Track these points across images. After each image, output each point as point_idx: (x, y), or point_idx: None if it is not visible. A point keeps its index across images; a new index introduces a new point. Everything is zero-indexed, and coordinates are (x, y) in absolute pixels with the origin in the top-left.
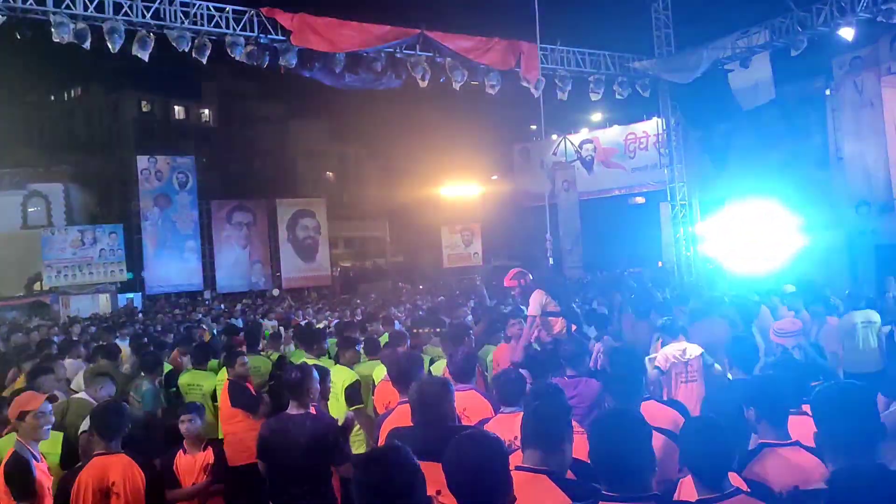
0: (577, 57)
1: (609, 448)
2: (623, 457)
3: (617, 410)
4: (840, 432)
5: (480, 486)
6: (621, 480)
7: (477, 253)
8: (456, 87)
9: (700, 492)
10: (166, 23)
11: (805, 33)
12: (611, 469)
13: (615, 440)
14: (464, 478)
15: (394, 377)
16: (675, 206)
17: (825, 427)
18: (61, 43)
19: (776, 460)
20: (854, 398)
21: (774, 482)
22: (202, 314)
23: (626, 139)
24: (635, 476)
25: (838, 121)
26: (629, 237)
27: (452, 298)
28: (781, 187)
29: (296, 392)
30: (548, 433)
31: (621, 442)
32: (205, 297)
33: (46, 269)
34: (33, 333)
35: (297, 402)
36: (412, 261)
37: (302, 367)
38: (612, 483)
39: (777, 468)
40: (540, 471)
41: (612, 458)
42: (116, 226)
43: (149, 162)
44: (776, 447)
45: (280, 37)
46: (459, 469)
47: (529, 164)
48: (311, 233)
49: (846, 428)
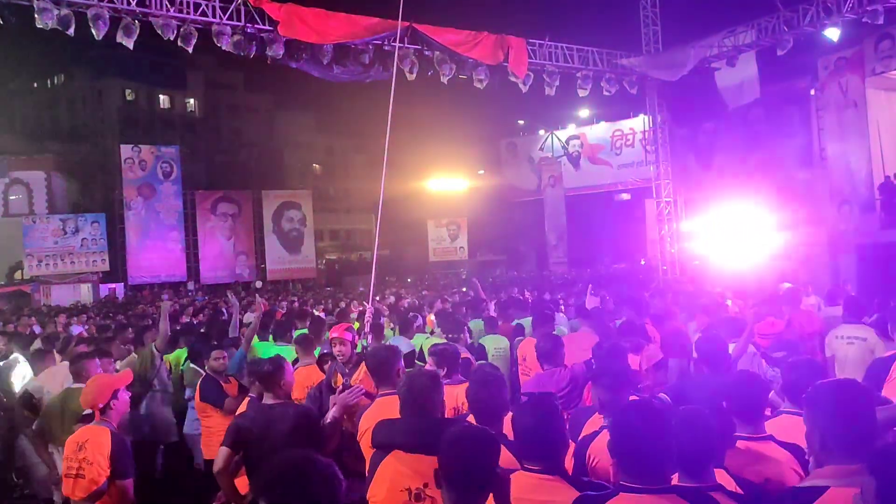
0: (566, 52)
1: (630, 439)
2: (644, 448)
3: (639, 402)
4: (834, 432)
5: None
6: (642, 472)
7: (463, 247)
8: (444, 80)
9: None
10: (152, 10)
11: (791, 33)
12: (632, 460)
13: (637, 431)
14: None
15: (371, 368)
16: (660, 204)
17: (819, 426)
18: (45, 29)
19: (746, 454)
20: (850, 397)
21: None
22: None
23: (612, 136)
24: (656, 467)
25: (822, 121)
26: (614, 233)
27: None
28: (765, 186)
29: (269, 384)
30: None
31: (643, 433)
32: (188, 288)
33: (28, 257)
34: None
35: (271, 393)
36: (398, 254)
37: (274, 359)
38: (632, 474)
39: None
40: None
41: (633, 449)
42: (99, 215)
43: (132, 151)
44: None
45: (267, 27)
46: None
47: (516, 159)
48: (297, 225)
49: (840, 428)
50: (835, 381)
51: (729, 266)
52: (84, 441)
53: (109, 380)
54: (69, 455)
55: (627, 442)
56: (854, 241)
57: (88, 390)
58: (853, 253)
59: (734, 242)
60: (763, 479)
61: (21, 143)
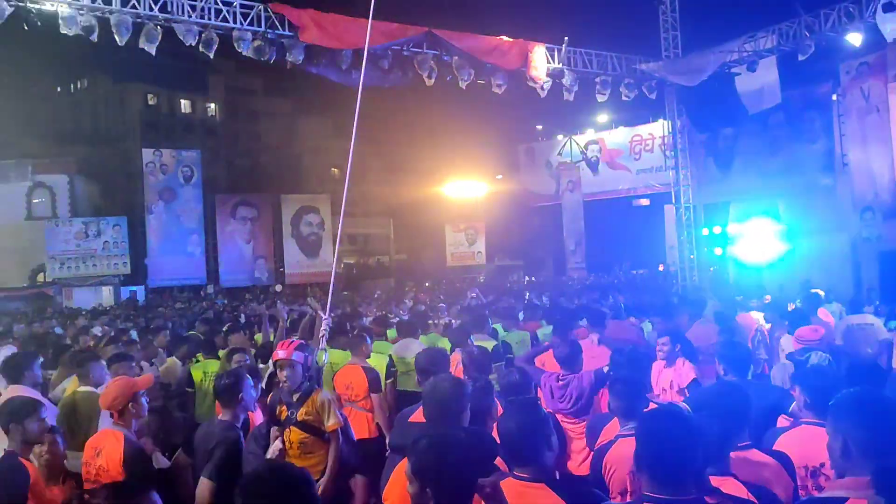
0: (584, 58)
1: (655, 447)
2: (669, 457)
3: (664, 409)
4: (857, 443)
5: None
6: (668, 481)
7: (480, 252)
8: (462, 85)
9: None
10: (174, 16)
11: (812, 38)
12: (656, 469)
13: (662, 440)
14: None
15: (419, 370)
16: (679, 209)
17: (841, 436)
18: (68, 35)
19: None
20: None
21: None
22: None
23: (631, 141)
24: (681, 477)
25: (844, 126)
26: (633, 239)
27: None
28: (786, 192)
29: (223, 398)
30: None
31: (668, 441)
32: (208, 291)
33: (50, 260)
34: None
35: (225, 408)
36: (415, 259)
37: (234, 372)
38: (658, 484)
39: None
40: (535, 479)
41: (657, 457)
42: (120, 218)
43: (154, 155)
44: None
45: (287, 32)
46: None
47: (534, 164)
48: (315, 229)
49: (862, 438)
50: (861, 391)
51: (749, 273)
52: (100, 447)
53: (130, 383)
54: (87, 460)
55: (653, 450)
56: (877, 247)
57: (108, 392)
58: (876, 260)
59: (755, 249)
60: None
61: (44, 147)
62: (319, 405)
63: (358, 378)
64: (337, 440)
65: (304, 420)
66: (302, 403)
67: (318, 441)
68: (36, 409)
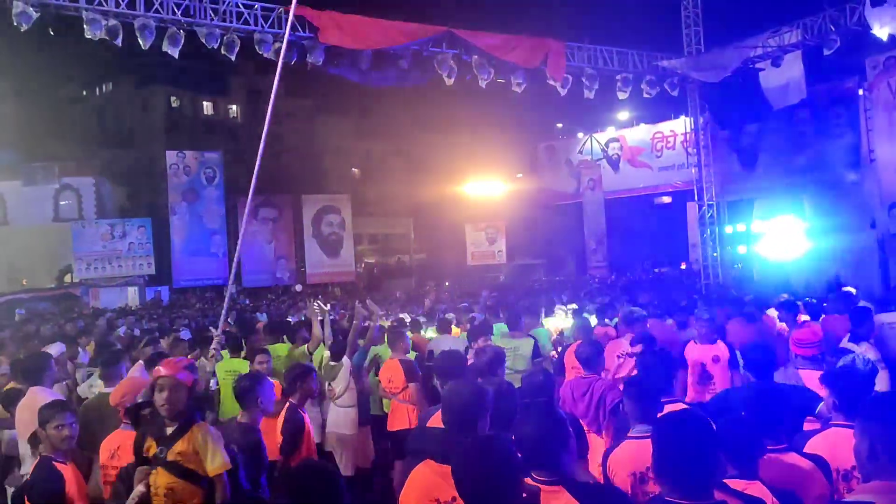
0: (605, 55)
1: (673, 452)
2: (688, 461)
3: (682, 413)
4: (885, 446)
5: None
6: (685, 486)
7: (501, 251)
8: (482, 84)
9: None
10: (196, 20)
11: (838, 32)
12: (675, 473)
13: (680, 444)
14: (472, 484)
15: (438, 371)
16: (702, 207)
17: (870, 439)
18: (93, 39)
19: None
20: None
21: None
22: None
23: (652, 138)
24: (701, 481)
25: (871, 121)
26: (655, 237)
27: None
28: (811, 188)
29: (242, 400)
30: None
31: (686, 446)
32: (230, 292)
33: (77, 261)
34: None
35: (244, 409)
36: (436, 258)
37: (253, 375)
38: (675, 488)
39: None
40: (552, 483)
41: (676, 462)
42: (145, 220)
43: (177, 157)
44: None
45: (308, 34)
46: (467, 475)
47: (555, 163)
48: (336, 228)
49: (892, 442)
50: (891, 394)
51: (774, 271)
52: (116, 448)
53: (139, 382)
54: (104, 462)
55: (671, 455)
56: None
57: (118, 390)
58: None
59: (780, 246)
60: None
61: (70, 150)
62: (200, 442)
63: (396, 371)
64: (223, 489)
65: (176, 460)
66: (177, 439)
67: (192, 488)
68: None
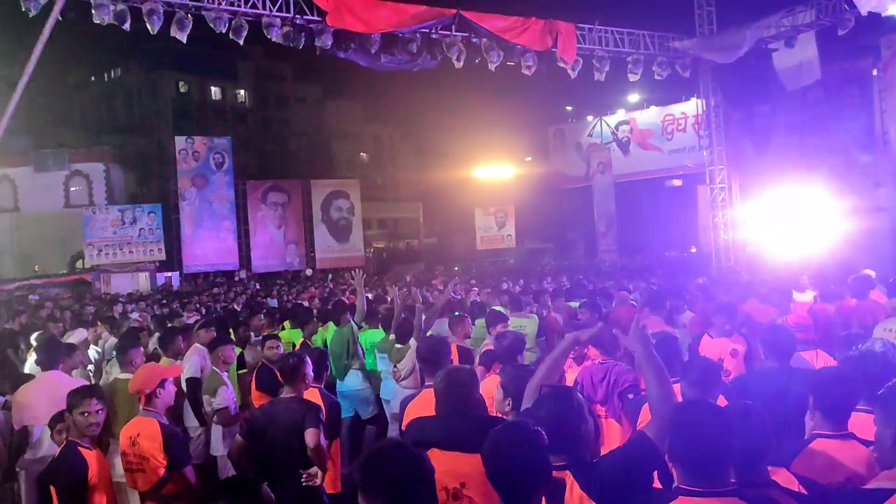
0: (616, 37)
1: (689, 439)
2: (704, 449)
3: (697, 401)
4: None
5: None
6: (701, 473)
7: (510, 235)
8: (492, 67)
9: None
10: (204, 4)
11: (852, 12)
12: (691, 461)
13: (695, 431)
14: (505, 469)
15: (421, 359)
16: (713, 190)
17: (891, 426)
18: (101, 24)
19: (824, 454)
20: None
21: (822, 476)
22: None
23: (663, 120)
24: (717, 469)
25: (885, 102)
26: (665, 220)
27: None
28: (825, 170)
29: (289, 378)
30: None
31: (702, 433)
32: (240, 277)
33: (88, 247)
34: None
35: (290, 387)
36: (445, 242)
37: (298, 353)
38: (691, 476)
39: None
40: (563, 467)
41: (692, 449)
42: (155, 205)
43: (186, 142)
44: (827, 439)
45: (316, 17)
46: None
47: (564, 146)
48: (345, 213)
49: None
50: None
51: (786, 254)
52: (136, 435)
53: (159, 369)
54: (125, 450)
55: (686, 443)
56: None
57: (137, 377)
58: None
59: (792, 230)
60: (843, 478)
61: (80, 136)
62: None
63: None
64: None
65: None
66: None
67: None
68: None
